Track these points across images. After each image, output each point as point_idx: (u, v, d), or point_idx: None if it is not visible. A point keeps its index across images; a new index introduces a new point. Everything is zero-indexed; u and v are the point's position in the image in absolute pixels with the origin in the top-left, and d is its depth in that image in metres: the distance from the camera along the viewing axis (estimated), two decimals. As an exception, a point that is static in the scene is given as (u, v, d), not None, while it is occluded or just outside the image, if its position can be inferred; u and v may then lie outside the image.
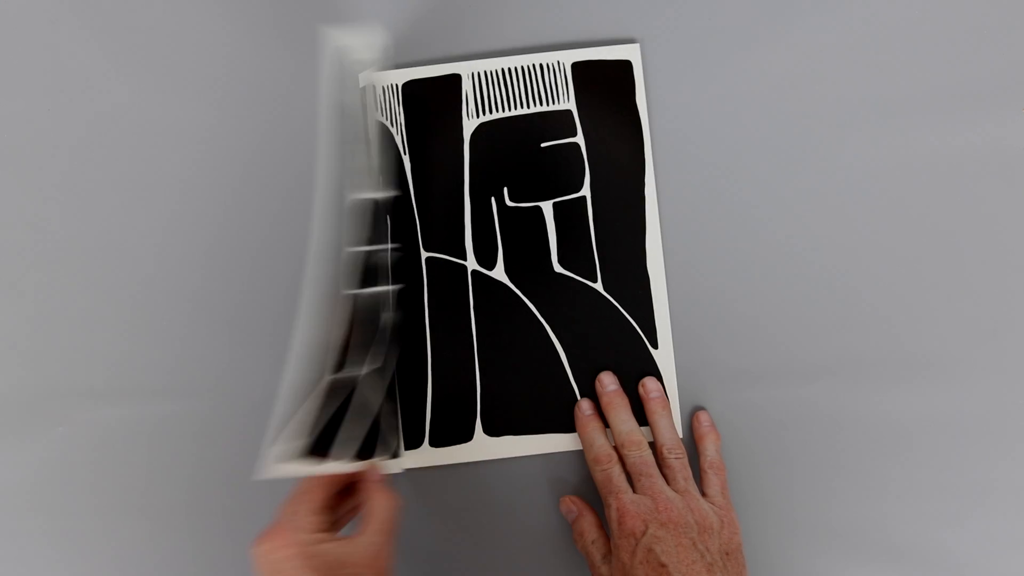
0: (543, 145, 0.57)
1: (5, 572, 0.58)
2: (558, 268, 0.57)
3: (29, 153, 0.58)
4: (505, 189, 0.57)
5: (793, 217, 0.58)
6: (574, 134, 0.57)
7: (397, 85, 0.57)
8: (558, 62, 0.57)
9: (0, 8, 0.58)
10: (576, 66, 0.57)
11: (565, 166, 0.57)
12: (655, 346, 0.57)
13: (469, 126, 0.57)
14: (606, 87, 0.57)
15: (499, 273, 0.58)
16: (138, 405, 0.58)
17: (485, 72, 0.57)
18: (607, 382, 0.57)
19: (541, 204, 0.57)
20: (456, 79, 0.57)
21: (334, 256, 0.54)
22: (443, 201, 0.57)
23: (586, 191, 0.57)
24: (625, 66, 0.57)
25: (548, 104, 0.57)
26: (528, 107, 0.57)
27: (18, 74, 0.58)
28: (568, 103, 0.57)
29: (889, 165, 0.58)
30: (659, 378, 0.57)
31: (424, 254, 0.57)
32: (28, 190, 0.58)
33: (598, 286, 0.57)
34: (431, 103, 0.57)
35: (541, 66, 0.57)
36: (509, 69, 0.57)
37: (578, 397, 0.57)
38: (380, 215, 0.54)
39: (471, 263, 0.58)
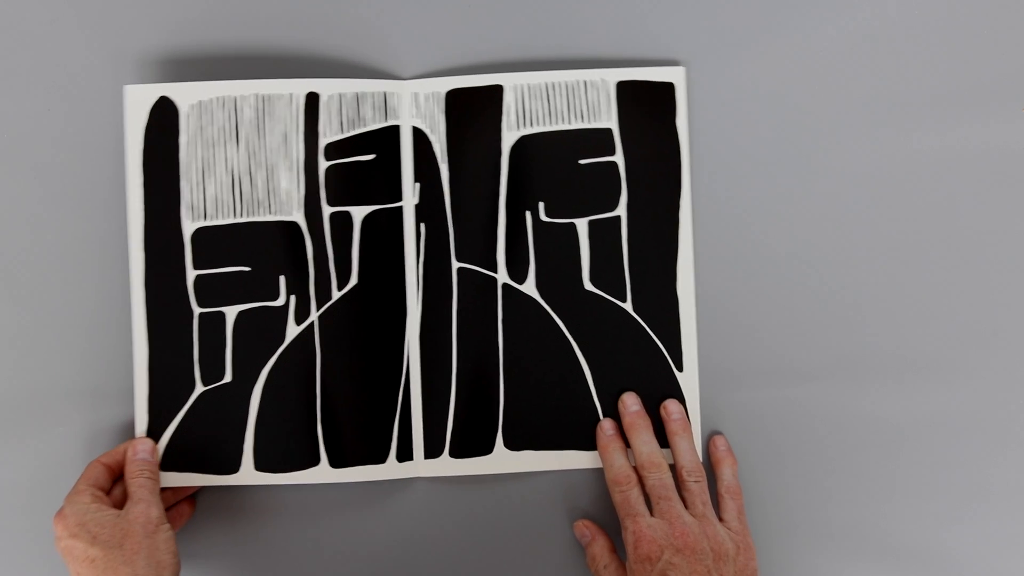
0: (581, 162, 0.57)
1: (5, 572, 0.57)
2: (589, 286, 0.57)
3: (30, 152, 0.58)
4: (541, 204, 0.57)
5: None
6: (613, 153, 0.57)
7: (440, 93, 0.57)
8: (602, 80, 0.57)
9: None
10: (620, 85, 0.57)
11: (602, 184, 0.57)
12: (680, 368, 0.57)
13: (509, 138, 0.57)
14: (648, 108, 0.57)
15: (529, 288, 0.57)
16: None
17: (528, 85, 0.57)
18: (630, 403, 0.57)
19: (576, 221, 0.57)
20: (498, 90, 0.57)
21: (175, 278, 0.56)
22: (478, 212, 0.57)
23: (621, 211, 0.57)
24: (668, 88, 0.57)
25: (589, 121, 0.57)
26: (569, 123, 0.57)
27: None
28: (610, 122, 0.57)
29: (888, 165, 0.58)
30: (682, 400, 0.57)
31: (455, 264, 0.57)
32: (29, 189, 0.58)
33: (628, 306, 0.57)
34: (472, 113, 0.57)
35: (585, 83, 0.57)
36: (553, 84, 0.57)
37: (601, 416, 0.57)
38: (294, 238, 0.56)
39: (502, 276, 0.57)
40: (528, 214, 0.57)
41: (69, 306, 0.58)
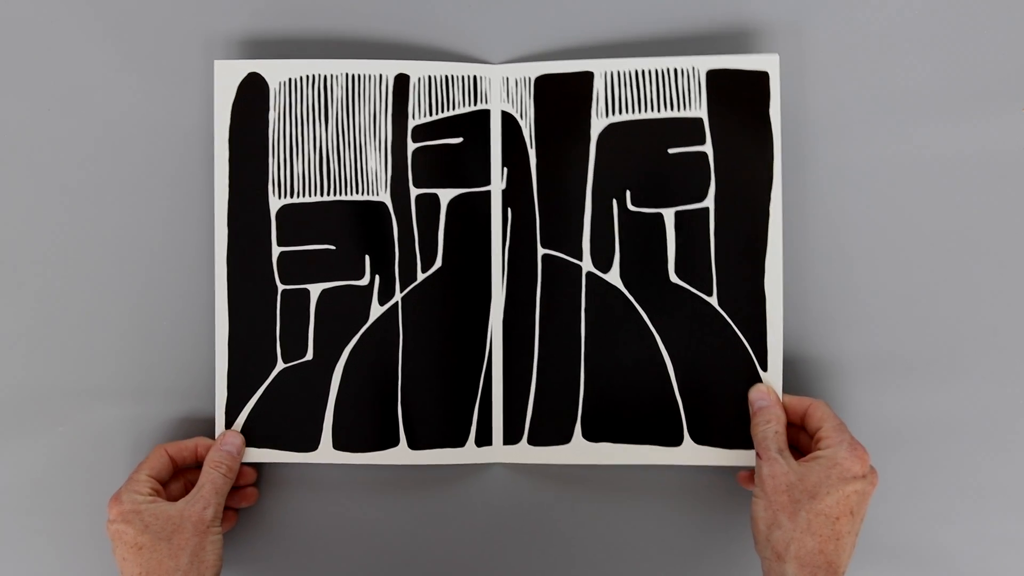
0: (670, 151, 0.56)
1: (5, 572, 0.58)
2: (674, 278, 0.56)
3: (30, 153, 0.58)
4: (628, 192, 0.57)
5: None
6: (703, 143, 0.56)
7: (530, 78, 0.57)
8: (693, 68, 0.56)
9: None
10: (711, 74, 0.56)
11: (691, 175, 0.56)
12: (764, 367, 0.56)
13: (598, 125, 0.56)
14: (740, 97, 0.56)
15: (614, 277, 0.57)
16: (138, 405, 0.58)
17: (618, 72, 0.56)
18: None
19: (663, 211, 0.56)
20: (588, 77, 0.57)
21: (259, 255, 0.56)
22: (565, 199, 0.57)
23: (710, 202, 0.56)
24: (762, 77, 0.56)
25: (679, 110, 0.56)
26: (659, 111, 0.56)
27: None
28: (700, 111, 0.56)
29: (887, 165, 0.57)
30: None
31: (540, 250, 0.57)
32: (29, 190, 0.58)
33: (713, 300, 0.56)
34: (562, 99, 0.57)
35: (676, 71, 0.56)
36: (643, 71, 0.56)
37: (682, 410, 0.56)
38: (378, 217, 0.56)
39: (587, 264, 0.57)
40: (615, 202, 0.57)
41: (68, 305, 0.58)
